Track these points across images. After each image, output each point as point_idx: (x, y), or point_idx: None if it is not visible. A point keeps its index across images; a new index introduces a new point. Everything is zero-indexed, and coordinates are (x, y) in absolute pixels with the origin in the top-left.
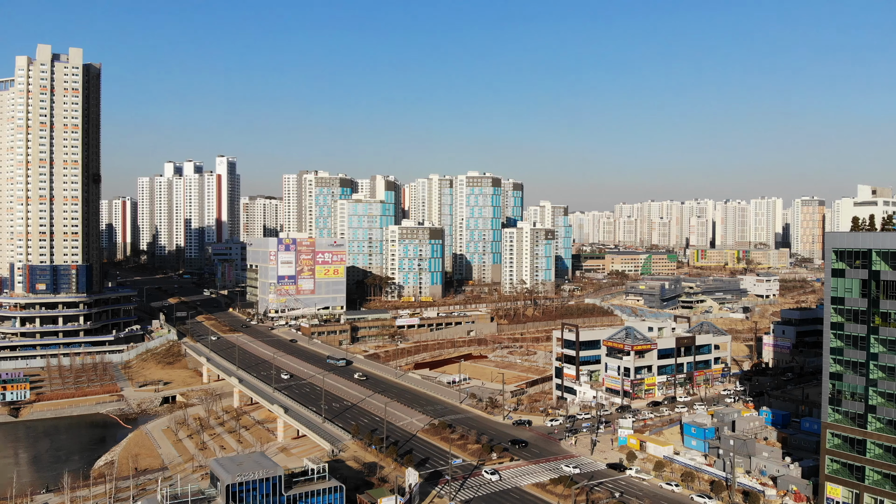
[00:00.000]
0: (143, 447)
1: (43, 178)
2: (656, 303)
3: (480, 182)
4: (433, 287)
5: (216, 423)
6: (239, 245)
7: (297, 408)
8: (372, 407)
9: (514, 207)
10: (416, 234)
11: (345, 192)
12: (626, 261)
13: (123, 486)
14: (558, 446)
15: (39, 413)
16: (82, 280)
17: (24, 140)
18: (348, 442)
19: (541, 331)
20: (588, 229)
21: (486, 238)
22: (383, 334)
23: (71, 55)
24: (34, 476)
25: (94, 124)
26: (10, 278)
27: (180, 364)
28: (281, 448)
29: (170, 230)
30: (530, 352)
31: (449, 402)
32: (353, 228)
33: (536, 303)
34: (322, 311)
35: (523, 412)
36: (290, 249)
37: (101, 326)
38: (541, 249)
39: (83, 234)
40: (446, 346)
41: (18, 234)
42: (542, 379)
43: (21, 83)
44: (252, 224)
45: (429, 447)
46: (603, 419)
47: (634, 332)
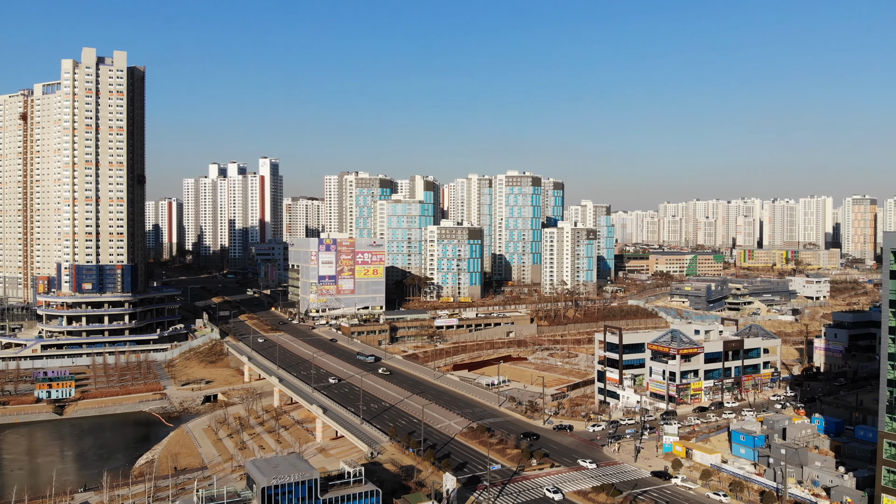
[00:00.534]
0: (183, 446)
1: (89, 180)
2: (702, 304)
3: (520, 181)
4: (472, 287)
5: (256, 423)
6: (281, 245)
7: (336, 408)
8: (410, 408)
9: (554, 207)
10: (455, 234)
11: (384, 193)
12: (671, 261)
13: (163, 485)
14: (600, 452)
15: (84, 411)
16: (127, 280)
17: (71, 142)
18: (386, 444)
19: (582, 333)
20: (631, 229)
21: (525, 238)
22: (422, 335)
23: (115, 58)
24: (78, 474)
25: (138, 126)
26: (57, 278)
27: (222, 363)
28: (319, 449)
29: (214, 230)
30: (571, 354)
31: (488, 404)
32: (392, 229)
33: (578, 304)
34: (362, 310)
35: (564, 416)
36: (331, 249)
37: (145, 325)
38: (582, 249)
39: (128, 235)
40: (485, 347)
41: (65, 234)
42: (583, 382)
43: (67, 86)
44: (294, 225)
45: (467, 451)
46: (647, 425)
47: (680, 335)
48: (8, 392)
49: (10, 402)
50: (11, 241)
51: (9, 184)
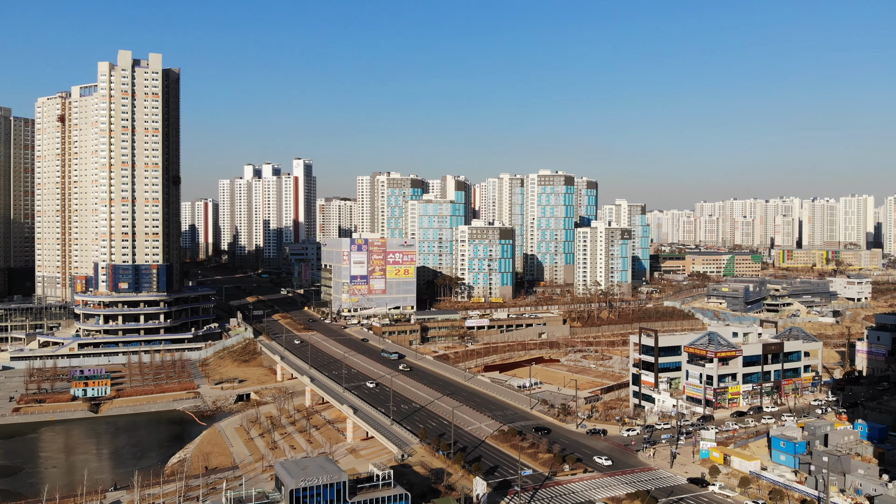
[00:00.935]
0: (215, 445)
1: (125, 181)
2: (740, 306)
3: (552, 180)
4: (503, 288)
5: (287, 422)
6: (315, 245)
7: (367, 408)
8: (440, 410)
9: (587, 206)
10: (486, 233)
11: (416, 193)
12: (708, 262)
13: (194, 484)
14: (635, 458)
15: (118, 409)
16: (163, 279)
17: (107, 144)
18: (416, 446)
19: (616, 334)
20: (667, 229)
21: (558, 238)
22: (453, 335)
23: (151, 60)
24: (112, 472)
25: (173, 128)
26: (94, 277)
27: (256, 362)
28: (350, 449)
29: (249, 231)
30: (605, 356)
31: (519, 407)
32: (423, 229)
33: (612, 305)
34: (393, 310)
35: (598, 420)
36: (363, 250)
37: (180, 324)
38: (616, 249)
39: (163, 235)
40: (517, 348)
41: (102, 234)
42: (617, 385)
43: (103, 88)
44: (328, 225)
45: (498, 454)
46: (683, 430)
47: (718, 337)
48: (45, 390)
49: (46, 400)
50: (50, 240)
51: (48, 185)
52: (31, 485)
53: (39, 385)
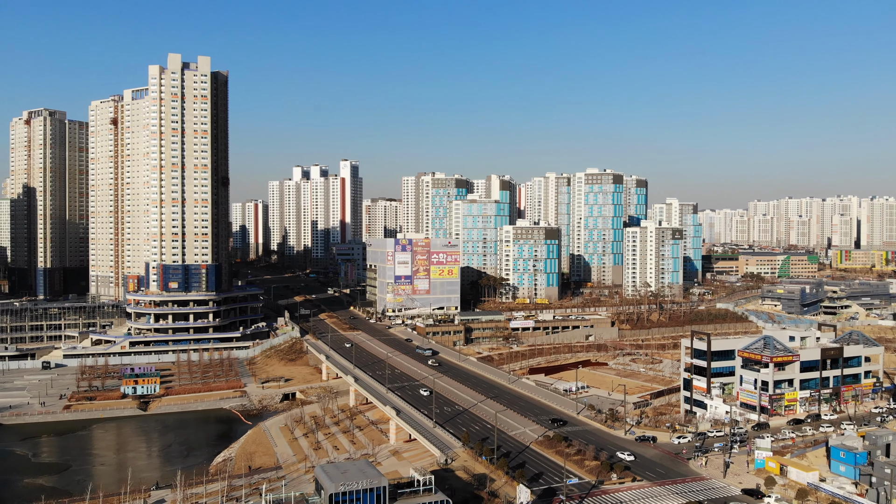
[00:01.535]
0: (259, 445)
1: (175, 182)
2: (796, 308)
3: (600, 179)
4: (549, 289)
5: (331, 422)
6: (360, 245)
7: (409, 410)
8: (483, 413)
9: (637, 205)
10: (531, 233)
11: (460, 193)
12: (762, 262)
13: (237, 484)
14: (686, 467)
15: (167, 407)
16: (212, 279)
17: (158, 146)
18: (458, 450)
19: (667, 337)
20: (719, 228)
21: (606, 238)
22: (497, 336)
23: (200, 63)
24: (159, 470)
25: (222, 130)
26: (145, 277)
27: (302, 361)
28: (393, 451)
29: (298, 231)
30: (655, 360)
31: (565, 412)
32: (467, 229)
33: (662, 307)
34: (437, 311)
35: (647, 427)
36: (407, 250)
37: (229, 323)
38: (667, 250)
39: (212, 235)
40: (563, 350)
41: (153, 235)
42: (668, 390)
43: (154, 91)
44: (374, 225)
45: (542, 461)
46: (737, 438)
47: (774, 341)
48: (95, 387)
49: (97, 398)
50: (104, 241)
51: (101, 186)
52: (77, 482)
53: (91, 382)
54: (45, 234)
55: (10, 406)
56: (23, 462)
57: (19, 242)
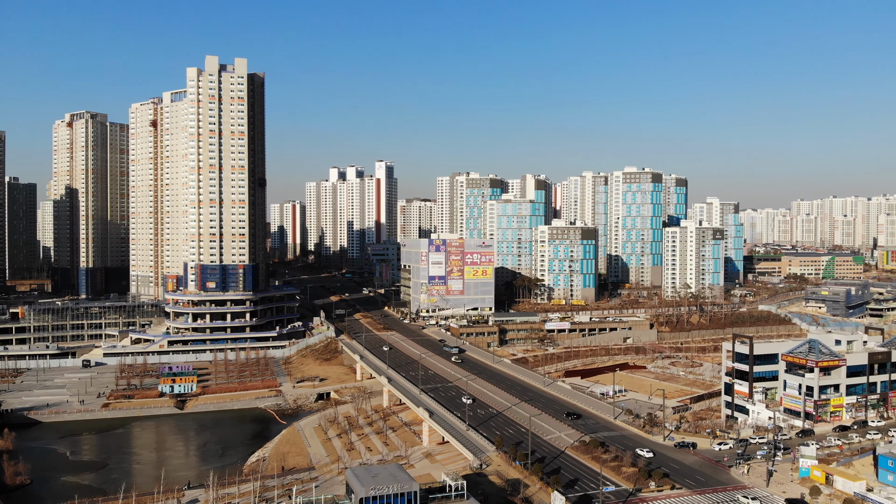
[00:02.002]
0: (293, 445)
1: (213, 183)
2: (841, 310)
3: (638, 178)
4: (585, 290)
5: (365, 423)
6: (395, 245)
7: (442, 412)
8: (518, 416)
9: (676, 205)
10: (567, 234)
11: (495, 193)
12: (806, 263)
13: (270, 484)
14: (727, 474)
15: (203, 406)
16: (248, 279)
17: (196, 147)
18: (492, 454)
19: (707, 340)
20: (761, 228)
21: (644, 238)
22: (532, 338)
23: (237, 65)
24: (199, 468)
25: (259, 131)
26: (184, 277)
27: (336, 360)
28: (426, 454)
29: (334, 231)
30: (695, 363)
31: (602, 416)
32: (501, 229)
33: (702, 309)
34: (471, 311)
35: (686, 432)
36: (441, 250)
37: (265, 323)
38: (708, 250)
39: (249, 236)
40: (600, 353)
41: (191, 235)
42: (708, 394)
43: (192, 94)
44: (408, 226)
45: (578, 467)
46: (780, 445)
47: (819, 345)
48: (134, 386)
49: (135, 396)
50: (144, 241)
51: (141, 187)
52: (114, 480)
53: (129, 381)
54: (87, 235)
55: (48, 404)
56: (61, 460)
57: (62, 243)
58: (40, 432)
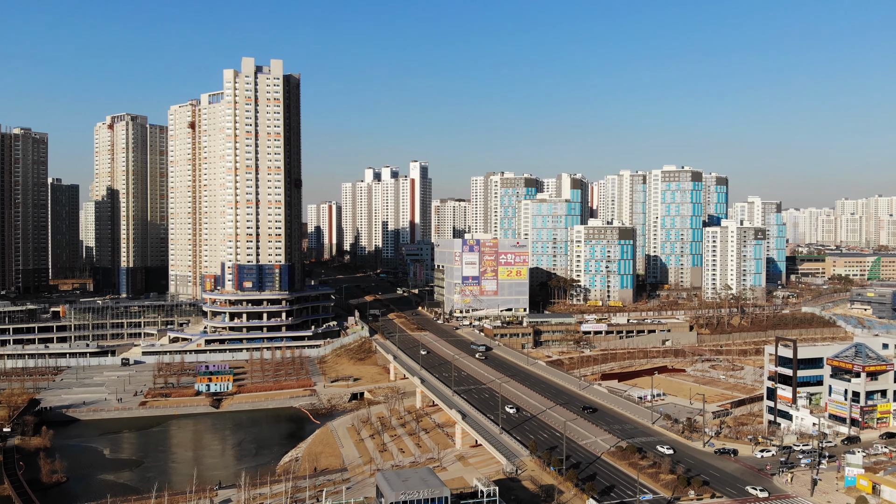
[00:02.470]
0: (326, 445)
1: (249, 184)
2: (887, 313)
3: (678, 176)
4: (623, 291)
5: (398, 424)
6: (429, 245)
7: (475, 414)
8: (552, 420)
9: (717, 204)
10: (604, 233)
11: (529, 193)
12: (850, 264)
13: (301, 485)
14: (770, 483)
15: (238, 405)
16: (284, 279)
17: (233, 148)
18: (525, 458)
19: (749, 343)
20: (804, 228)
21: (684, 238)
22: (567, 340)
23: (272, 67)
24: (235, 467)
25: (294, 132)
26: (221, 277)
27: (370, 360)
28: (459, 456)
29: (369, 232)
30: (736, 367)
31: (639, 421)
32: (536, 229)
33: (744, 311)
34: (504, 312)
35: (727, 438)
36: (474, 250)
37: (301, 322)
38: (749, 250)
39: (285, 236)
40: (637, 356)
41: (229, 235)
42: (749, 399)
43: (229, 95)
44: (443, 226)
45: (615, 473)
46: (825, 452)
47: (866, 349)
48: (171, 384)
49: (171, 395)
50: (182, 241)
51: (180, 188)
52: (148, 479)
53: (166, 379)
54: (127, 235)
55: (84, 402)
56: (98, 458)
57: (103, 243)
58: (78, 430)
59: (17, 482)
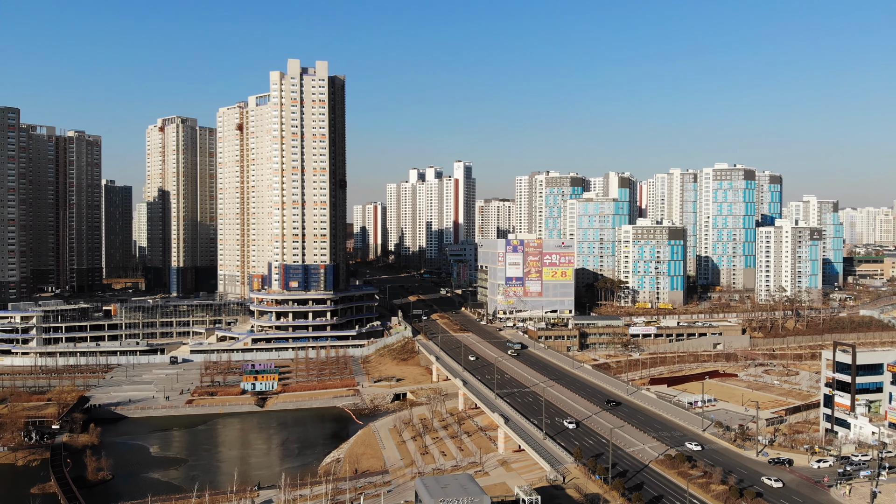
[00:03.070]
0: (368, 446)
1: (295, 185)
2: None
3: (730, 175)
4: (672, 293)
5: (440, 426)
6: (472, 246)
7: (518, 419)
8: (598, 426)
9: (770, 203)
10: (653, 233)
11: (575, 192)
12: None
13: (342, 487)
14: (827, 495)
15: (283, 404)
16: (329, 279)
17: (279, 150)
18: (570, 466)
19: (804, 347)
20: (862, 228)
21: (736, 238)
22: (615, 343)
23: (317, 68)
24: (281, 467)
25: (339, 133)
26: (268, 276)
27: (413, 361)
28: (501, 461)
29: (413, 232)
30: (790, 372)
31: (689, 428)
32: (582, 229)
33: (799, 313)
34: (549, 314)
35: (782, 447)
36: (518, 251)
37: (345, 322)
38: (804, 251)
39: (330, 236)
40: (688, 360)
41: (275, 235)
42: (805, 406)
43: (275, 97)
44: (486, 226)
45: (663, 483)
46: (885, 463)
47: None
48: (217, 383)
49: (218, 393)
50: (231, 241)
51: (228, 189)
52: (192, 478)
53: (213, 378)
54: (178, 235)
55: (130, 399)
56: (144, 455)
57: (155, 243)
58: (126, 427)
59: (63, 480)
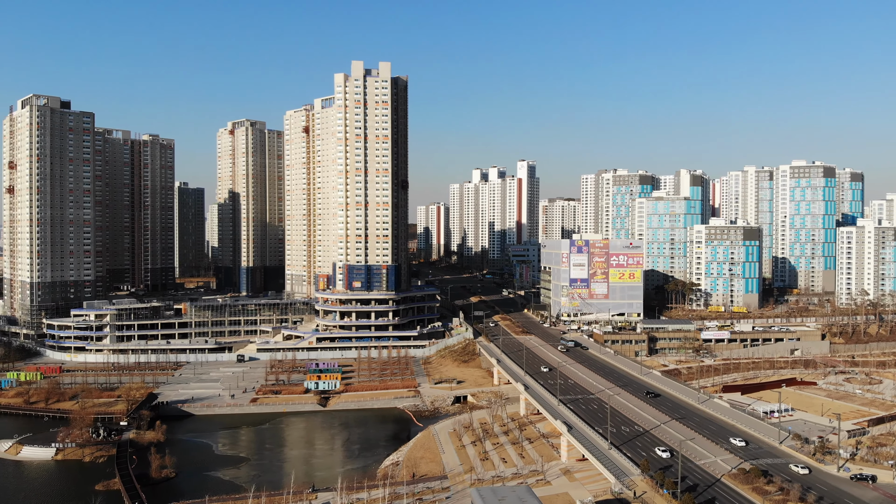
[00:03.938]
0: (427, 450)
1: (359, 186)
2: None
3: (808, 172)
4: (747, 296)
5: (500, 431)
6: (536, 246)
7: (582, 426)
8: (666, 436)
9: (852, 202)
10: (727, 234)
11: (644, 190)
12: None
13: (399, 492)
14: None
15: (344, 404)
16: (391, 279)
17: (344, 151)
18: (636, 478)
19: (888, 354)
20: None
21: (815, 239)
22: (686, 348)
23: (380, 69)
24: (343, 467)
25: (402, 134)
26: (332, 276)
27: (474, 363)
28: (564, 470)
29: (476, 232)
30: (874, 380)
31: (764, 440)
32: (652, 229)
33: (882, 318)
34: (616, 317)
35: (864, 462)
36: (583, 251)
37: (407, 322)
38: (888, 252)
39: (392, 237)
40: (763, 366)
41: (339, 236)
42: (889, 417)
43: (339, 99)
44: (550, 226)
45: (736, 498)
46: None
47: None
48: (282, 381)
49: (281, 392)
50: (297, 242)
51: (295, 191)
52: (253, 477)
53: (278, 376)
54: (247, 236)
55: (194, 397)
56: (207, 454)
57: (225, 243)
58: (192, 424)
59: (126, 477)
